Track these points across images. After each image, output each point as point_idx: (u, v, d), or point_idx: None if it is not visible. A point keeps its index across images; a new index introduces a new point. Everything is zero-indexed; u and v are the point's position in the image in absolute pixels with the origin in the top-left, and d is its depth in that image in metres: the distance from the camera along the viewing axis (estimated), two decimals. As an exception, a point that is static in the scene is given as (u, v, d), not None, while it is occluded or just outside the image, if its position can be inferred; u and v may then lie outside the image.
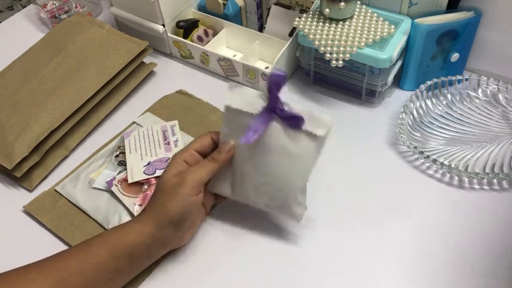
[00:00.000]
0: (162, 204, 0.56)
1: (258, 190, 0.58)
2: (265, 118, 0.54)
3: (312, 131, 0.53)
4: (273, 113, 0.53)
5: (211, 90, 0.83)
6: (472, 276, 0.58)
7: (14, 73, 0.79)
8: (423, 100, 0.76)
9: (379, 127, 0.75)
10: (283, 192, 0.57)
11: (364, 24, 0.73)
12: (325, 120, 0.53)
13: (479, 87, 0.77)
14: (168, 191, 0.56)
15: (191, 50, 0.85)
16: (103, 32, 0.84)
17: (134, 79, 0.83)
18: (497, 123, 0.73)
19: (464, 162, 0.68)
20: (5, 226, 0.67)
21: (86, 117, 0.77)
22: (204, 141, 0.59)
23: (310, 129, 0.53)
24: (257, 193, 0.58)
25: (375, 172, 0.69)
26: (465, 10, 0.74)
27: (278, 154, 0.55)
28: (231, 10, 0.87)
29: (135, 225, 0.56)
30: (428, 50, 0.75)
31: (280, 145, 0.55)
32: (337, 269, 0.59)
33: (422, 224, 0.63)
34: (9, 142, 0.70)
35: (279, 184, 0.56)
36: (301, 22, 0.75)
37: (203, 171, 0.57)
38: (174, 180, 0.56)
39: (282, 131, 0.54)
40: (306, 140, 0.54)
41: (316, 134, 0.53)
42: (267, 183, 0.57)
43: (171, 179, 0.56)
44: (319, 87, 0.82)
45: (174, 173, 0.57)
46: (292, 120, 0.53)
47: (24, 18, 1.01)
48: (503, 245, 0.61)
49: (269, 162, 0.56)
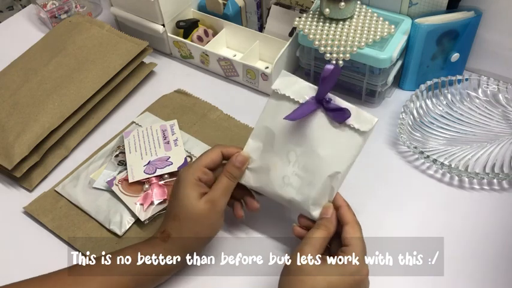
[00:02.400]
0: (194, 233, 0.54)
1: (285, 182, 0.56)
2: (311, 106, 0.54)
3: (357, 126, 0.53)
4: (320, 104, 0.54)
5: (211, 90, 0.83)
6: (472, 276, 0.58)
7: (14, 73, 0.79)
8: (423, 100, 0.76)
9: (379, 127, 0.75)
10: (311, 186, 0.55)
11: (364, 24, 0.73)
12: (370, 117, 0.53)
13: (479, 87, 0.77)
14: (198, 219, 0.54)
15: (191, 50, 0.85)
16: (103, 32, 0.84)
17: (134, 79, 0.83)
18: (497, 123, 0.73)
19: (464, 162, 0.68)
20: (5, 226, 0.67)
21: (86, 117, 0.77)
22: (214, 156, 0.57)
23: (354, 124, 0.53)
24: (284, 185, 0.56)
25: (375, 172, 0.69)
26: (465, 10, 0.74)
27: (318, 144, 0.54)
28: (231, 10, 0.87)
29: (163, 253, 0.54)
30: (428, 50, 0.75)
31: (322, 136, 0.54)
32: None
33: (422, 224, 0.63)
34: (9, 142, 0.70)
35: (310, 177, 0.55)
36: (301, 22, 0.75)
37: (227, 192, 0.56)
38: (204, 206, 0.54)
39: (327, 122, 0.54)
40: (349, 133, 0.54)
41: (360, 129, 0.53)
42: (299, 175, 0.55)
43: (200, 206, 0.54)
44: (319, 87, 0.82)
45: (197, 196, 0.54)
46: (339, 113, 0.53)
47: (24, 18, 1.01)
48: (503, 245, 0.61)
49: (307, 152, 0.55)
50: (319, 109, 0.54)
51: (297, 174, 0.55)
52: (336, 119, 0.54)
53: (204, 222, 0.54)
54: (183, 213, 0.54)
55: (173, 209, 0.56)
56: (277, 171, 0.56)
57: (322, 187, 0.55)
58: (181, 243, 0.55)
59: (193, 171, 0.56)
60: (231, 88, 0.83)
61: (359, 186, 0.67)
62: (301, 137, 0.55)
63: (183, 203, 0.54)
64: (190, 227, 0.54)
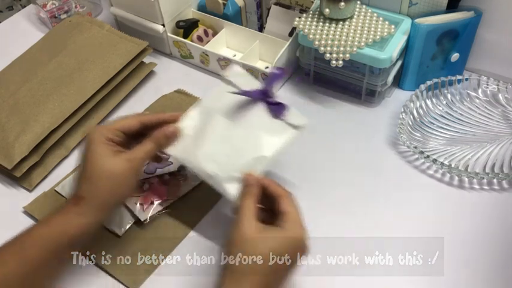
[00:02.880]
0: (110, 191, 0.53)
1: (212, 159, 0.58)
2: (256, 94, 0.59)
3: (291, 121, 0.60)
4: (264, 96, 0.59)
5: (211, 90, 0.82)
6: (472, 275, 0.58)
7: (14, 73, 0.79)
8: (423, 100, 0.76)
9: (379, 127, 0.75)
10: (235, 165, 0.57)
11: (364, 24, 0.73)
12: (303, 117, 0.60)
13: (479, 87, 0.77)
14: (115, 177, 0.53)
15: (191, 50, 0.85)
16: (103, 32, 0.84)
17: (134, 79, 0.83)
18: (497, 123, 0.73)
19: (464, 162, 0.68)
20: (5, 226, 0.66)
21: (86, 117, 0.77)
22: (130, 122, 0.57)
23: (289, 119, 0.60)
24: (210, 161, 0.58)
25: (375, 172, 0.69)
26: (465, 10, 0.74)
27: (252, 130, 0.59)
28: (231, 10, 0.87)
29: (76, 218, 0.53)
30: (428, 50, 0.75)
31: (258, 123, 0.59)
32: (337, 270, 0.59)
33: (423, 224, 0.63)
34: (9, 142, 0.70)
35: (237, 157, 0.58)
36: (301, 22, 0.75)
37: (148, 155, 0.56)
38: (121, 164, 0.53)
39: (265, 113, 0.60)
40: (282, 125, 0.60)
41: (294, 123, 0.60)
42: (227, 154, 0.58)
43: (117, 164, 0.53)
44: (319, 87, 0.82)
45: (110, 154, 0.54)
46: (278, 107, 0.59)
47: (24, 18, 1.01)
48: (503, 245, 0.61)
49: (240, 135, 0.59)
50: (261, 101, 0.60)
51: (225, 154, 0.58)
52: (274, 113, 0.59)
53: (121, 180, 0.54)
54: (97, 173, 0.53)
55: (85, 170, 0.54)
56: (207, 148, 0.58)
57: (245, 167, 0.57)
58: (96, 203, 0.53)
59: (103, 131, 0.55)
60: (231, 88, 0.83)
61: (359, 186, 0.68)
62: (238, 121, 0.59)
63: (97, 163, 0.53)
64: (106, 186, 0.53)
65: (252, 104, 0.60)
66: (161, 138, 0.57)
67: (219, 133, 0.59)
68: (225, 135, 0.59)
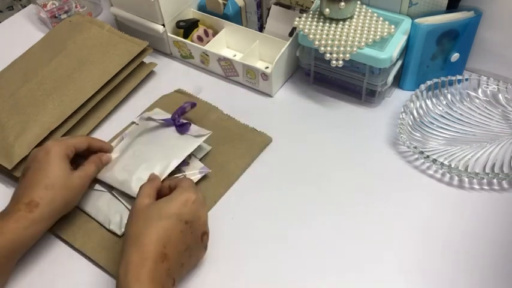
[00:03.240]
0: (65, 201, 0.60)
1: (125, 169, 0.66)
2: (168, 120, 0.71)
3: (194, 134, 0.70)
4: (172, 121, 0.71)
5: (211, 90, 0.83)
6: (472, 276, 0.58)
7: (14, 73, 0.79)
8: (423, 100, 0.76)
9: (379, 127, 0.75)
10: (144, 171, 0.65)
11: (364, 24, 0.73)
12: (205, 130, 0.70)
13: (479, 87, 0.77)
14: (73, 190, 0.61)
15: (191, 50, 0.85)
16: (103, 32, 0.84)
17: (134, 79, 0.83)
18: (497, 123, 0.73)
19: (464, 162, 0.68)
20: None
21: (86, 117, 0.77)
22: (82, 141, 0.65)
23: (193, 133, 0.70)
24: (123, 171, 0.66)
25: (375, 172, 0.69)
26: (465, 10, 0.74)
27: (162, 144, 0.69)
28: (231, 10, 0.87)
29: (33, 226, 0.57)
30: (428, 50, 0.75)
31: (168, 139, 0.70)
32: (337, 269, 0.59)
33: (422, 224, 0.63)
34: (9, 142, 0.70)
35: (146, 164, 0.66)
36: (301, 22, 0.75)
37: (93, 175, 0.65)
38: (78, 180, 0.61)
39: (174, 132, 0.71)
40: (187, 138, 0.70)
41: (196, 135, 0.70)
42: (137, 164, 0.66)
43: (75, 179, 0.61)
44: (319, 87, 0.82)
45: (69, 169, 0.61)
46: (183, 126, 0.70)
47: (24, 18, 1.01)
48: (503, 245, 0.61)
49: (150, 149, 0.68)
50: (171, 125, 0.71)
51: (136, 164, 0.66)
52: (180, 131, 0.70)
53: (74, 194, 0.61)
54: (58, 183, 0.59)
55: (44, 178, 0.59)
56: (122, 162, 0.67)
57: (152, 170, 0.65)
58: (49, 211, 0.58)
59: (64, 147, 0.62)
60: (231, 88, 0.83)
61: (359, 186, 0.68)
62: (151, 140, 0.70)
63: (58, 174, 0.59)
64: (64, 196, 0.59)
65: (164, 128, 0.71)
66: (99, 164, 0.66)
67: (133, 150, 0.68)
68: (138, 150, 0.68)
